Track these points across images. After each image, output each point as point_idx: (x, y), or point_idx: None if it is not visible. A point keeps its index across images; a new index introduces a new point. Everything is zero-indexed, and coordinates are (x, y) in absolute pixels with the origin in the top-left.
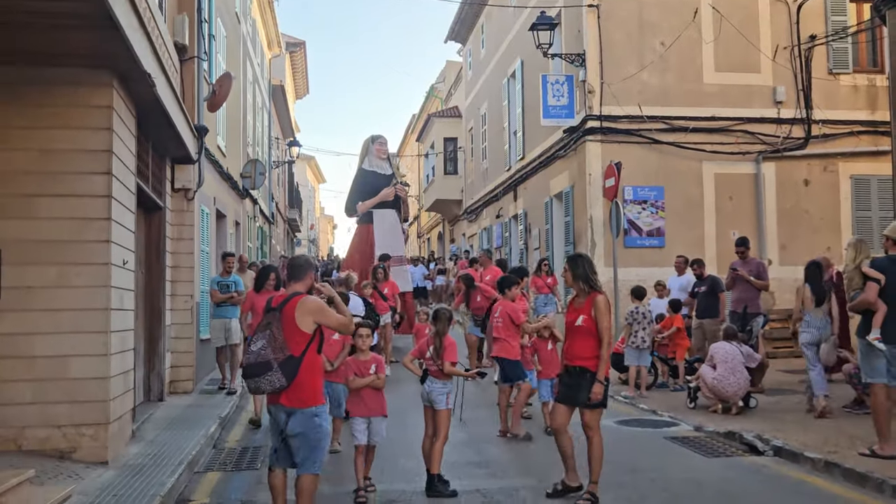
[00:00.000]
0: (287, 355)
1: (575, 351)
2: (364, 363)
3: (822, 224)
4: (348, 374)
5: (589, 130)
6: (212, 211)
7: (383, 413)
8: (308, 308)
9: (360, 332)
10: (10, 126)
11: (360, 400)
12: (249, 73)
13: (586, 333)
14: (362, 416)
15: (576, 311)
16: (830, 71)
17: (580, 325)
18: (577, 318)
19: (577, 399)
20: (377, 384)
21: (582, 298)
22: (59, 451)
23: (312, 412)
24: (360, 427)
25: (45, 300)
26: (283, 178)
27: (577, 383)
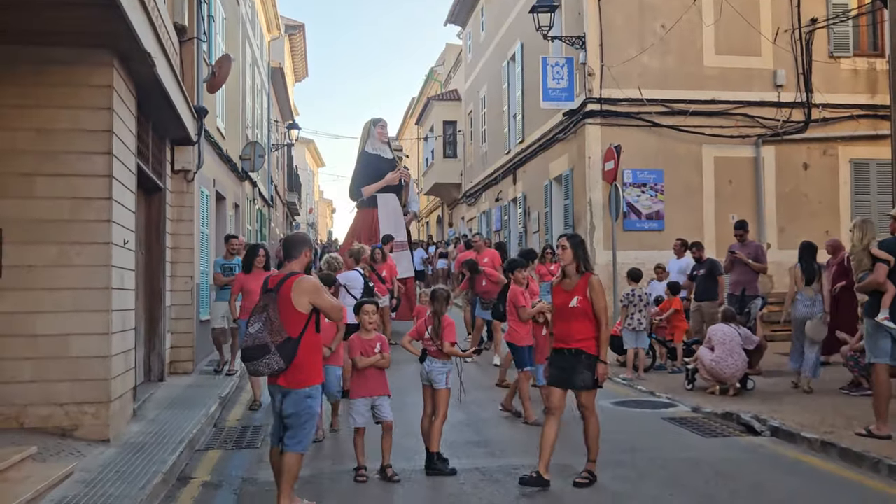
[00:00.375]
0: (284, 337)
1: (571, 333)
2: (369, 342)
3: (820, 208)
4: (353, 353)
5: (589, 113)
6: (211, 193)
7: (386, 392)
8: (303, 288)
9: (365, 309)
10: (7, 105)
11: (364, 380)
12: (249, 55)
13: (582, 315)
14: (365, 396)
15: (568, 292)
16: (831, 54)
17: (575, 307)
18: (571, 299)
19: (574, 382)
20: (382, 364)
21: (573, 280)
22: (61, 429)
23: (306, 393)
24: (361, 408)
25: (46, 279)
26: (282, 162)
27: (571, 366)
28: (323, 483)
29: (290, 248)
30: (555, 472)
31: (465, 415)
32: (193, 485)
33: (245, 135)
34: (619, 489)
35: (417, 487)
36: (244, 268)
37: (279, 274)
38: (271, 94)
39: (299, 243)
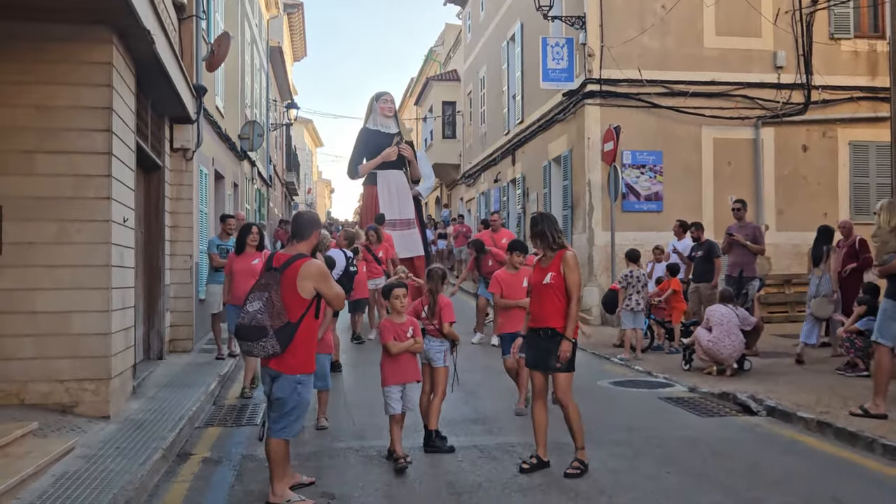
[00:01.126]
0: (284, 322)
1: (544, 312)
2: (401, 326)
3: (819, 190)
4: (386, 338)
5: (588, 94)
6: (210, 171)
7: (417, 378)
8: (309, 273)
9: (395, 293)
10: (7, 82)
11: (397, 365)
12: (247, 33)
13: (555, 292)
14: (398, 383)
15: (542, 270)
16: (831, 36)
17: (548, 283)
18: (545, 276)
19: (548, 364)
20: (415, 349)
21: (549, 257)
22: (62, 406)
23: (297, 379)
24: (395, 395)
25: (46, 256)
26: (280, 141)
27: (546, 347)
28: (322, 459)
29: (299, 228)
30: (552, 449)
31: (463, 392)
32: (193, 461)
33: (244, 114)
34: (616, 467)
35: (416, 465)
36: (236, 248)
37: (285, 254)
38: (270, 74)
39: (309, 224)
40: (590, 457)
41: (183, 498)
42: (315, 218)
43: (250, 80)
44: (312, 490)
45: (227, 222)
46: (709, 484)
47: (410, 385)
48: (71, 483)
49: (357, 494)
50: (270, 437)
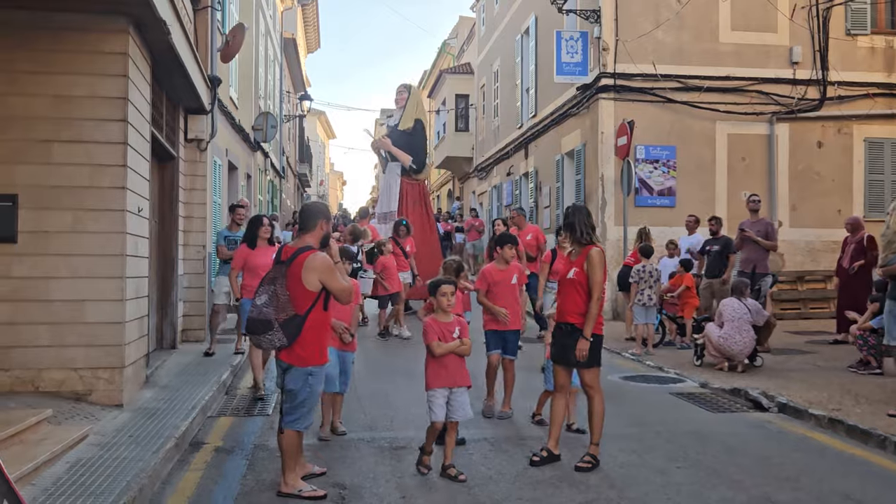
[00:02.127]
0: (290, 314)
1: (566, 306)
2: (447, 326)
3: (833, 186)
4: (431, 338)
5: (602, 88)
6: (224, 162)
7: (467, 383)
8: (314, 266)
9: (443, 289)
10: (24, 71)
11: (443, 368)
12: (262, 25)
13: (577, 288)
14: (443, 386)
15: (569, 263)
16: (848, 31)
17: (571, 279)
18: (569, 270)
19: (569, 359)
20: (462, 350)
21: (577, 251)
22: (76, 394)
23: (307, 371)
24: (439, 400)
25: (62, 245)
26: (293, 133)
27: (567, 342)
28: (333, 450)
29: (304, 219)
30: (563, 443)
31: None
32: (206, 450)
33: (257, 105)
34: (626, 461)
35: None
36: (248, 241)
37: (293, 246)
38: (283, 65)
39: (315, 214)
40: (600, 451)
41: (195, 486)
42: (321, 208)
43: (264, 71)
44: (324, 480)
45: (237, 212)
46: (719, 479)
47: (458, 390)
48: (85, 470)
49: (368, 485)
50: (283, 428)
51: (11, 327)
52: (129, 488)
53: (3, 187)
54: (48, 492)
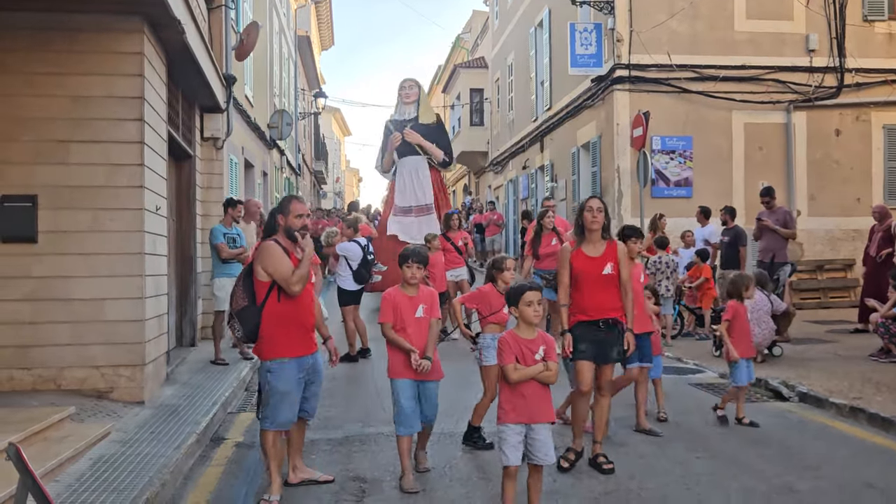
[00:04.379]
0: (243, 305)
1: (607, 302)
2: (529, 344)
3: (852, 174)
4: (507, 358)
5: (617, 79)
6: (240, 160)
7: (551, 418)
8: (258, 254)
9: (527, 297)
10: (42, 73)
11: (520, 398)
12: (275, 23)
13: (614, 283)
14: (519, 421)
15: (595, 259)
16: (865, 18)
17: (610, 274)
18: (604, 266)
19: (609, 355)
20: (546, 377)
21: (597, 246)
22: (97, 391)
23: (266, 366)
24: (512, 438)
25: (81, 244)
26: (308, 130)
27: (606, 339)
28: (353, 445)
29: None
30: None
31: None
32: (227, 445)
33: (272, 103)
34: (646, 451)
35: (447, 449)
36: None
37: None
38: (298, 63)
39: (273, 212)
40: (620, 441)
41: (217, 481)
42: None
43: (279, 69)
44: (344, 475)
45: (237, 208)
46: (739, 469)
47: (539, 427)
48: (108, 466)
49: (388, 479)
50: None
51: (33, 326)
52: (152, 484)
53: (23, 188)
54: (72, 488)
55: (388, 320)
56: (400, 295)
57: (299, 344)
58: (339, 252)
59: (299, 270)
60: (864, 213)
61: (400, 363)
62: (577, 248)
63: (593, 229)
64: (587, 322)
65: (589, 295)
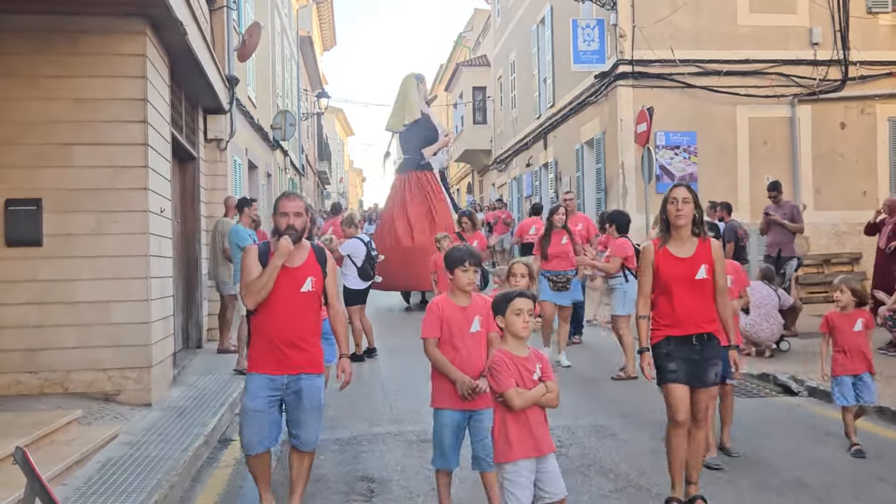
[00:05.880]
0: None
1: (703, 313)
2: (524, 363)
3: (857, 168)
4: (507, 382)
5: (620, 75)
6: (244, 161)
7: (552, 448)
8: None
9: (516, 305)
10: (45, 76)
11: (527, 429)
12: (277, 23)
13: (710, 290)
14: (529, 456)
15: (685, 261)
16: (869, 10)
17: (705, 279)
18: (695, 269)
19: (708, 377)
20: (549, 400)
21: (687, 245)
22: (104, 394)
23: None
24: (523, 478)
25: (86, 247)
26: (312, 131)
27: (705, 357)
28: (361, 444)
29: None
30: (591, 431)
31: None
32: (234, 446)
33: (275, 104)
34: (656, 448)
35: None
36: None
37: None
38: (300, 63)
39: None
40: (629, 438)
41: (225, 483)
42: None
43: (281, 69)
44: (352, 475)
45: (252, 207)
46: (749, 464)
47: (549, 458)
48: (116, 469)
49: (397, 478)
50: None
51: (39, 330)
52: (160, 486)
53: (28, 191)
54: (80, 491)
55: (433, 335)
56: (450, 305)
57: (270, 361)
58: (342, 252)
59: (255, 281)
60: (870, 206)
61: (447, 390)
62: (662, 248)
63: (679, 224)
64: (678, 338)
65: (680, 304)
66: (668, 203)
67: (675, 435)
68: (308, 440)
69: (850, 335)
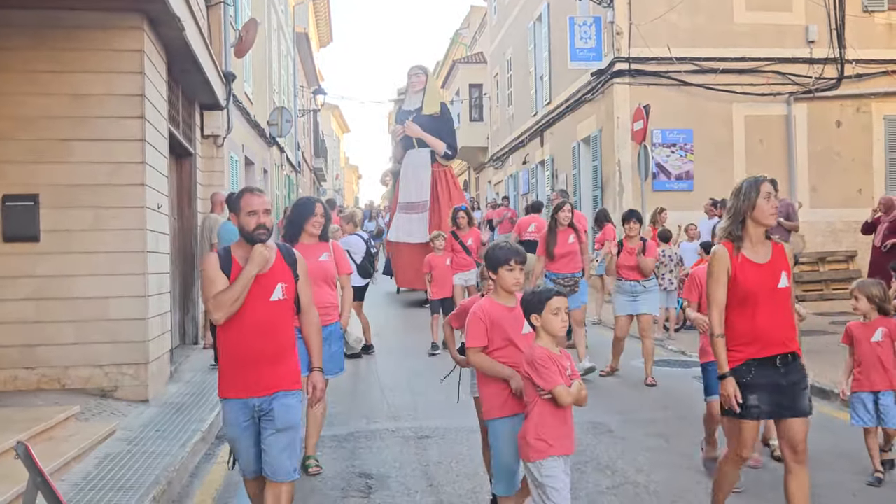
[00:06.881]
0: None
1: (787, 328)
2: (559, 359)
3: (853, 166)
4: (554, 378)
5: (617, 73)
6: (240, 158)
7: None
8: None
9: (553, 304)
10: (42, 71)
11: (564, 425)
12: (273, 20)
13: (789, 300)
14: (564, 453)
15: (761, 268)
16: (865, 8)
17: (786, 289)
18: (777, 276)
19: (800, 406)
20: (583, 399)
21: (761, 249)
22: (102, 390)
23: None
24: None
25: (83, 243)
26: (308, 127)
27: (793, 381)
28: (359, 441)
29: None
30: (588, 428)
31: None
32: None
33: (272, 100)
34: (653, 445)
35: (455, 444)
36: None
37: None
38: (296, 60)
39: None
40: (626, 435)
41: (223, 479)
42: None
43: (277, 66)
44: (350, 471)
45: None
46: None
47: (569, 459)
48: (114, 465)
49: (394, 474)
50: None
51: (36, 326)
52: (158, 482)
53: (25, 187)
54: (78, 486)
55: (479, 344)
56: (496, 308)
57: (240, 382)
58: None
59: (225, 293)
60: (866, 204)
61: (500, 397)
62: (738, 253)
63: (770, 224)
64: (760, 360)
65: (763, 319)
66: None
67: (734, 466)
68: (279, 468)
69: (866, 346)
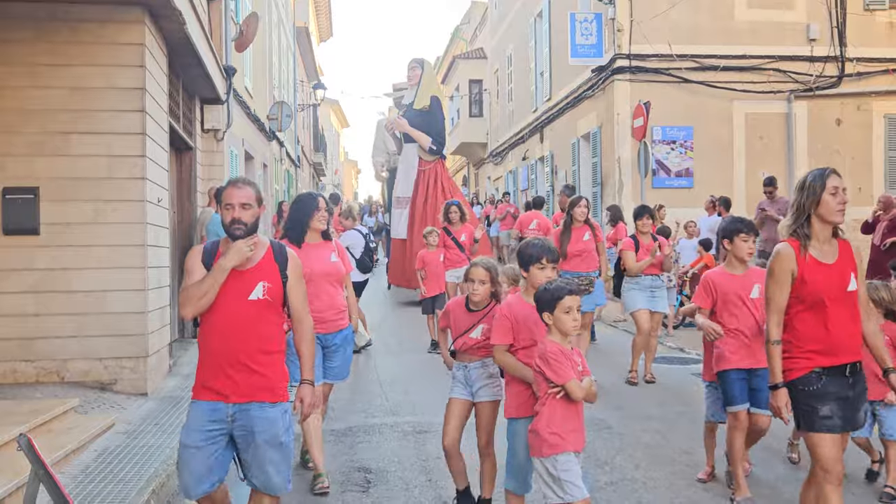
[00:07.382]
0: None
1: (856, 335)
2: (571, 355)
3: (853, 164)
4: (567, 372)
5: (617, 70)
6: (240, 152)
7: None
8: None
9: (565, 303)
10: (42, 64)
11: (577, 419)
12: (274, 14)
13: (857, 303)
14: (576, 449)
15: (829, 268)
16: (866, 7)
17: (855, 291)
18: (846, 277)
19: (859, 418)
20: (594, 395)
21: (829, 247)
22: (101, 383)
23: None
24: (577, 468)
25: (83, 236)
26: (307, 122)
27: (858, 392)
28: (357, 435)
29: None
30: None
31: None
32: None
33: (272, 94)
34: (651, 441)
35: None
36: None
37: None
38: (297, 55)
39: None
40: (624, 432)
41: None
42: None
43: (278, 60)
44: (349, 466)
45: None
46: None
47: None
48: (113, 458)
49: (394, 469)
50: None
51: (36, 318)
52: (157, 475)
53: (25, 180)
54: (77, 479)
55: (505, 341)
56: (523, 306)
57: (213, 385)
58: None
59: (194, 286)
60: (865, 202)
61: (521, 397)
62: (805, 253)
63: (838, 221)
64: (831, 369)
65: (835, 324)
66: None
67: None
68: (271, 484)
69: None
